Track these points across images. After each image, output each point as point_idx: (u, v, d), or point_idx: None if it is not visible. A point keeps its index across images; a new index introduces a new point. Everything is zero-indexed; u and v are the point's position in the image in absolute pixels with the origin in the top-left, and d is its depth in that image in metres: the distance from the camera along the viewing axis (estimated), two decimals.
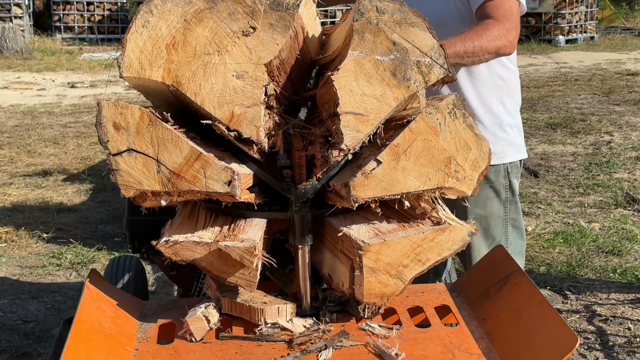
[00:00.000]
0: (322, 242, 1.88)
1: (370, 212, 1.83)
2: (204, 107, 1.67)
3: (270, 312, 1.80)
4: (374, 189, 1.69)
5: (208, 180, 1.65)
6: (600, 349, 3.65)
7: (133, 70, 1.67)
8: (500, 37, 2.42)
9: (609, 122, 8.41)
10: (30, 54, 14.43)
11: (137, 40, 1.67)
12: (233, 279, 1.74)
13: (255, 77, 1.68)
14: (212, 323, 1.79)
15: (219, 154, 1.73)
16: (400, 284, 1.77)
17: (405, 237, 1.74)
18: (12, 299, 4.29)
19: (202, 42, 1.67)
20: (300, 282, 1.86)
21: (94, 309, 1.78)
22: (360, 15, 1.69)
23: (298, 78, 1.91)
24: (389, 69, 1.68)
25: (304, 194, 1.78)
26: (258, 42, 1.69)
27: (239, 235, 1.73)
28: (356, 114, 1.65)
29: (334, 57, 1.85)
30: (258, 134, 1.68)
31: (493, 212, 2.79)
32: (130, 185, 1.67)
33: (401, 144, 1.69)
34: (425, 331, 1.83)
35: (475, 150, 1.75)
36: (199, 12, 1.68)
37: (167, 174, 1.66)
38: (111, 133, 1.66)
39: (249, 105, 1.67)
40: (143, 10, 1.67)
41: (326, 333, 1.78)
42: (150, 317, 1.89)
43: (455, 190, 1.77)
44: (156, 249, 1.74)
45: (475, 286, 2.00)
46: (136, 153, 1.66)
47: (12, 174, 6.78)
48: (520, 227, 2.88)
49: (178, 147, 1.65)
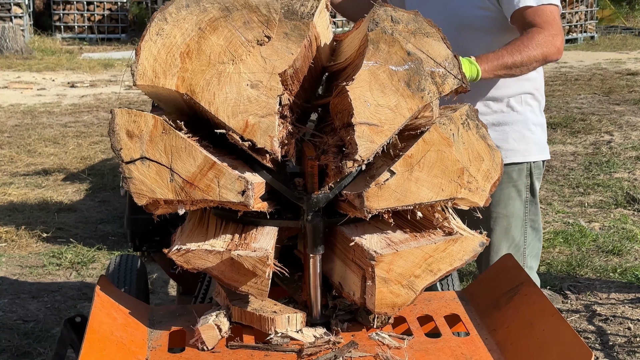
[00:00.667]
0: (333, 250, 1.87)
1: (382, 221, 1.82)
2: (218, 117, 1.66)
3: (280, 322, 1.80)
4: (387, 200, 1.68)
5: (222, 190, 1.64)
6: (600, 348, 3.65)
7: (147, 79, 1.66)
8: (547, 44, 2.41)
9: (609, 122, 8.41)
10: (30, 53, 14.43)
11: (151, 48, 1.65)
12: (245, 287, 1.73)
13: (269, 87, 1.66)
14: (223, 331, 1.78)
15: (232, 163, 1.72)
16: (412, 294, 1.77)
17: (417, 247, 1.73)
18: (12, 298, 4.29)
19: (216, 51, 1.66)
20: (311, 291, 1.85)
21: (105, 317, 1.77)
22: (375, 25, 1.68)
23: (310, 86, 1.90)
24: (404, 80, 1.67)
25: (316, 203, 1.78)
26: (273, 52, 1.68)
27: (251, 244, 1.72)
28: (370, 125, 1.64)
29: (345, 65, 1.84)
30: (272, 144, 1.67)
31: (514, 212, 2.78)
32: (143, 194, 1.66)
33: (415, 155, 1.68)
34: (436, 341, 1.81)
35: (487, 161, 1.74)
36: (214, 21, 1.67)
37: (180, 183, 1.65)
38: (124, 141, 1.64)
39: (263, 115, 1.66)
40: (157, 18, 1.66)
41: (336, 344, 1.77)
42: (160, 324, 1.89)
43: (467, 201, 1.76)
44: (168, 256, 1.73)
45: (485, 295, 1.99)
46: (149, 161, 1.64)
47: (12, 173, 6.78)
48: (539, 229, 2.88)
49: (192, 156, 1.64)
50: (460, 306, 2.00)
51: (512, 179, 2.75)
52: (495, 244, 2.78)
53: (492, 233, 2.77)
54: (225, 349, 1.76)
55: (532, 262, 2.90)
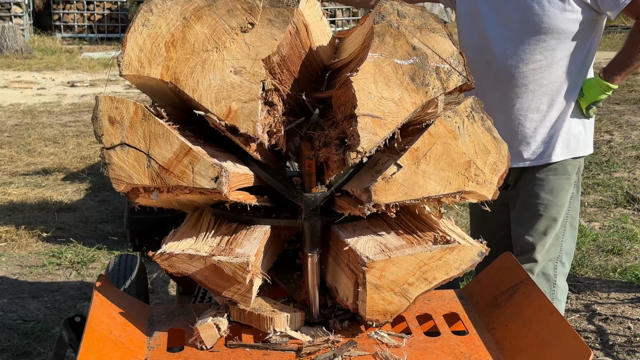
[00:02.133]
0: (329, 252, 1.87)
1: (380, 225, 1.81)
2: (202, 103, 1.67)
3: (279, 321, 1.80)
4: (395, 194, 1.67)
5: (196, 176, 1.65)
6: (600, 348, 3.65)
7: (132, 69, 1.68)
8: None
9: (609, 122, 8.40)
10: (30, 53, 14.42)
11: (137, 39, 1.68)
12: (228, 293, 1.74)
13: (253, 73, 1.68)
14: (222, 331, 1.78)
15: (222, 156, 1.72)
16: (405, 302, 1.76)
17: (412, 254, 1.72)
18: (12, 298, 4.29)
19: (200, 39, 1.68)
20: (310, 290, 1.85)
21: (104, 316, 1.77)
22: (381, 18, 1.67)
23: (306, 79, 1.90)
24: (408, 74, 1.67)
25: (314, 202, 1.78)
26: (256, 38, 1.69)
27: (235, 250, 1.72)
28: (374, 117, 1.64)
29: (349, 61, 1.84)
30: (255, 128, 1.68)
31: (565, 203, 2.84)
32: (121, 180, 1.68)
33: (421, 148, 1.67)
34: (435, 340, 1.81)
35: (494, 154, 1.74)
36: (198, 10, 1.68)
37: (156, 169, 1.66)
38: (106, 127, 1.67)
39: (246, 100, 1.67)
40: (143, 10, 1.68)
41: (335, 343, 1.77)
42: (159, 324, 1.89)
43: (475, 194, 1.75)
44: (152, 260, 1.74)
45: (484, 294, 1.99)
46: (128, 147, 1.66)
47: (12, 173, 6.78)
48: (575, 228, 2.93)
49: (169, 142, 1.65)
50: (459, 305, 2.00)
51: (567, 172, 2.83)
52: (540, 230, 2.82)
53: (541, 219, 2.81)
54: (224, 348, 1.76)
55: (566, 259, 2.93)
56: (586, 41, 2.72)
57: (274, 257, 1.96)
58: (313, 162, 1.78)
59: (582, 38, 2.70)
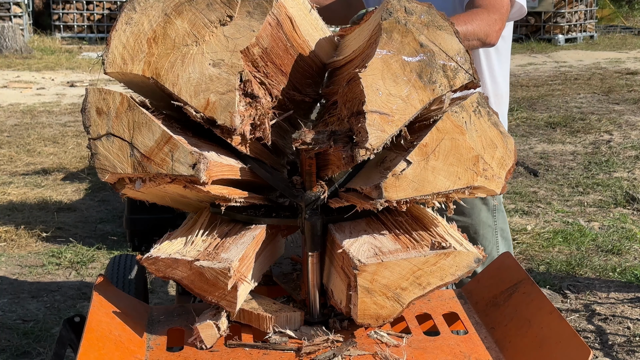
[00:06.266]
0: (326, 253, 1.86)
1: (377, 228, 1.81)
2: (181, 97, 1.69)
3: (279, 321, 1.80)
4: (405, 190, 1.67)
5: (175, 163, 1.66)
6: (599, 348, 3.65)
7: (116, 66, 1.71)
8: (489, 24, 2.37)
9: (608, 121, 8.41)
10: (29, 53, 14.42)
11: (120, 37, 1.71)
12: (214, 298, 1.73)
13: (231, 64, 1.69)
14: (221, 330, 1.77)
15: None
16: (398, 307, 1.75)
17: (406, 259, 1.71)
18: (12, 298, 4.29)
19: (180, 34, 1.70)
20: (310, 290, 1.85)
21: (104, 316, 1.77)
22: (388, 15, 1.67)
23: (299, 74, 1.90)
24: (415, 71, 1.66)
25: (315, 201, 1.78)
26: (235, 30, 1.70)
27: (220, 255, 1.72)
28: (382, 114, 1.63)
29: (352, 58, 1.83)
30: (232, 120, 1.68)
31: (481, 220, 2.74)
32: (106, 169, 1.69)
33: (429, 144, 1.67)
34: (435, 339, 1.81)
35: (501, 148, 1.73)
36: (179, 5, 1.70)
37: (138, 157, 1.67)
38: (94, 118, 1.68)
39: (223, 92, 1.68)
40: (127, 8, 1.71)
41: (335, 343, 1.77)
42: (158, 323, 1.89)
43: (484, 189, 1.74)
44: (141, 263, 1.74)
45: (483, 293, 1.99)
46: (114, 137, 1.68)
47: (12, 173, 6.78)
48: (509, 239, 2.84)
49: (151, 130, 1.67)
50: (458, 304, 2.00)
51: None
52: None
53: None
54: (224, 347, 1.76)
55: None
56: None
57: (273, 258, 1.96)
58: (314, 162, 1.78)
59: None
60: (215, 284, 1.70)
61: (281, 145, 1.96)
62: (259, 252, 1.82)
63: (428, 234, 1.79)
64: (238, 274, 1.70)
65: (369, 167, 1.80)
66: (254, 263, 1.80)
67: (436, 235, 1.78)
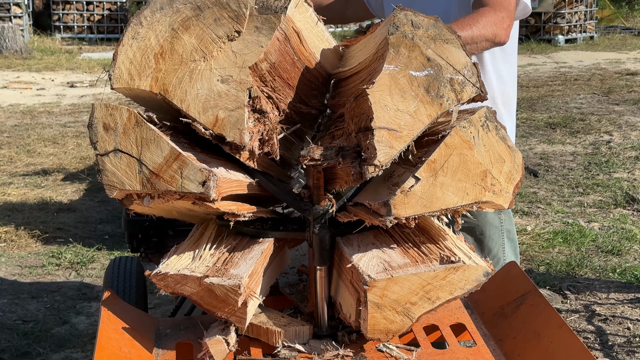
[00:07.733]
0: (334, 266, 1.85)
1: (385, 241, 1.79)
2: (189, 113, 1.67)
3: (287, 335, 1.78)
4: (414, 207, 1.65)
5: (184, 181, 1.65)
6: (599, 348, 3.65)
7: (123, 82, 1.69)
8: (496, 23, 2.34)
9: (608, 122, 8.41)
10: (29, 53, 14.42)
11: (127, 52, 1.68)
12: (223, 314, 1.72)
13: (239, 81, 1.67)
14: (231, 345, 1.75)
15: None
16: (407, 321, 1.73)
17: (415, 274, 1.69)
18: (12, 298, 4.29)
19: (188, 50, 1.68)
20: (318, 303, 1.83)
21: (113, 332, 1.76)
22: (395, 29, 1.64)
23: (305, 86, 1.89)
24: (423, 85, 1.64)
25: (323, 215, 1.77)
26: (243, 46, 1.69)
27: (229, 271, 1.71)
28: (390, 130, 1.61)
29: (358, 70, 1.81)
30: (241, 137, 1.67)
31: (488, 221, 2.71)
32: (113, 186, 1.68)
33: (438, 160, 1.65)
34: (444, 352, 1.79)
35: (509, 163, 1.71)
36: (186, 20, 1.68)
37: (147, 174, 1.66)
38: (101, 134, 1.67)
39: (232, 108, 1.67)
40: (133, 23, 1.69)
41: (344, 358, 1.75)
42: (166, 337, 1.87)
43: (492, 204, 1.72)
44: (150, 279, 1.73)
45: (490, 304, 1.96)
46: (121, 153, 1.67)
47: (12, 173, 6.78)
48: (515, 240, 2.82)
49: (159, 147, 1.65)
50: (465, 314, 1.97)
51: None
52: None
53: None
54: None
55: None
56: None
57: (280, 270, 1.95)
58: (321, 175, 1.76)
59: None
60: (225, 300, 1.69)
61: (287, 157, 1.95)
62: (267, 266, 1.81)
63: (436, 247, 1.77)
64: (248, 290, 1.69)
65: (376, 181, 1.77)
66: (262, 277, 1.79)
67: (445, 249, 1.76)
